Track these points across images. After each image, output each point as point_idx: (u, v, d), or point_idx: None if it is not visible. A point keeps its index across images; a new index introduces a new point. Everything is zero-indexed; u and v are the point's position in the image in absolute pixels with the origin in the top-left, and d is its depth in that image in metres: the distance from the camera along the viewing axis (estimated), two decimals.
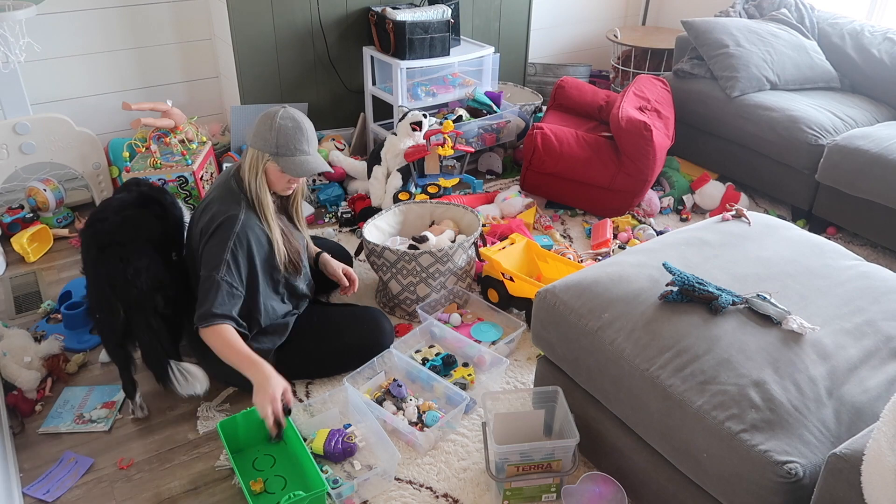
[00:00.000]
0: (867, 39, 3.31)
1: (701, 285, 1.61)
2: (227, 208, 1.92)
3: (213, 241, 1.89)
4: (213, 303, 1.85)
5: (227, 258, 1.88)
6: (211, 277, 1.86)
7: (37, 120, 2.77)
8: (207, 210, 1.95)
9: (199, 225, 1.96)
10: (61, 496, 1.78)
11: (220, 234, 1.89)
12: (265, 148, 1.92)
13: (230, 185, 1.98)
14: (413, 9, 3.23)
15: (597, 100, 3.45)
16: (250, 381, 1.80)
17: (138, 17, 3.14)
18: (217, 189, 2.01)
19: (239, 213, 1.91)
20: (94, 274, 1.87)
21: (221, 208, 1.93)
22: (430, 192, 3.04)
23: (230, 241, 1.88)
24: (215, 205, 1.95)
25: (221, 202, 1.95)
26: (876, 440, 1.11)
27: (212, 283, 1.86)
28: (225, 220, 1.90)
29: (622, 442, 1.68)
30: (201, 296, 1.88)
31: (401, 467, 1.86)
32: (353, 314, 2.20)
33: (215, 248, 1.88)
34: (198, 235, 1.95)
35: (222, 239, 1.89)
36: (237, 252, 1.90)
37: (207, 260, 1.89)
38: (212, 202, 1.97)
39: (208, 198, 2.00)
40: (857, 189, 2.77)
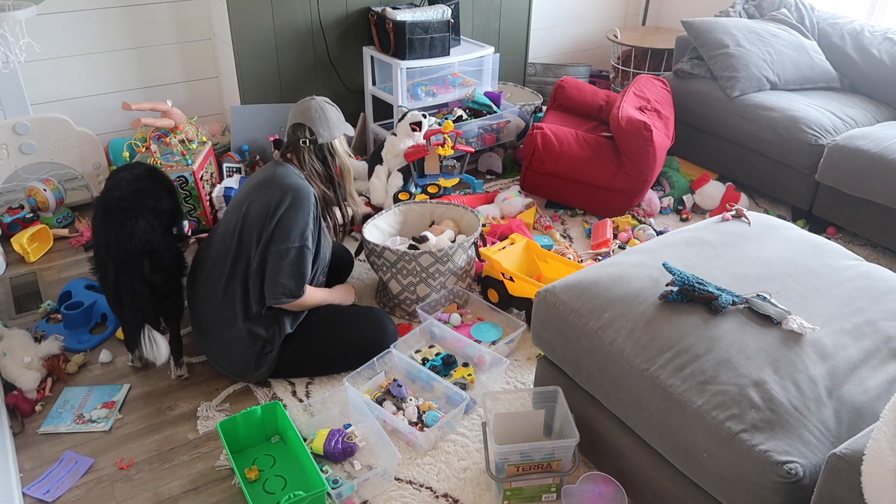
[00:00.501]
0: (867, 39, 3.31)
1: (701, 285, 1.61)
2: (297, 182, 2.03)
3: (293, 211, 1.98)
4: (305, 274, 1.99)
5: (311, 227, 2.01)
6: (295, 248, 1.97)
7: (37, 120, 2.77)
8: (274, 185, 2.01)
9: (261, 200, 2.00)
10: (61, 496, 1.78)
11: (300, 205, 1.99)
12: (342, 129, 2.17)
13: (288, 168, 2.07)
14: (413, 9, 3.23)
15: (597, 100, 3.45)
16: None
17: (138, 17, 3.14)
18: (271, 168, 2.09)
19: (309, 187, 2.05)
20: (95, 234, 2.04)
21: (293, 180, 2.02)
22: (430, 192, 3.04)
23: (310, 210, 2.01)
24: (284, 179, 2.02)
25: (290, 176, 2.04)
26: (876, 440, 1.11)
27: (299, 254, 1.98)
28: (300, 192, 2.00)
29: (622, 442, 1.69)
30: (285, 268, 1.96)
31: (401, 467, 1.86)
32: (356, 313, 2.21)
33: (298, 219, 1.98)
34: (264, 209, 1.98)
35: (304, 209, 2.00)
36: (312, 216, 2.03)
37: (289, 231, 1.97)
38: (274, 178, 2.03)
39: (263, 179, 2.06)
40: (857, 189, 2.77)
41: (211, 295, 2.05)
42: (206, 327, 2.09)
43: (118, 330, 2.34)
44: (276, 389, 2.12)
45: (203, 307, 2.08)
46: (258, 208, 2.00)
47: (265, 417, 1.90)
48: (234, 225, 2.04)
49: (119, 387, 2.12)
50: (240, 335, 2.02)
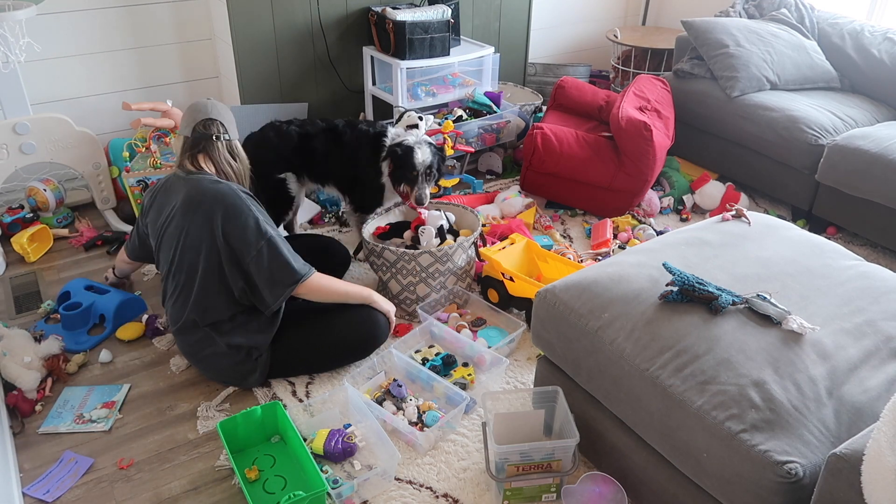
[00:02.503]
0: (867, 39, 3.31)
1: (701, 285, 1.61)
2: (214, 190, 1.96)
3: (238, 218, 1.93)
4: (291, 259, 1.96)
5: (261, 217, 1.96)
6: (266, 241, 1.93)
7: (37, 120, 2.77)
8: (196, 205, 1.94)
9: (196, 221, 1.94)
10: (61, 496, 1.78)
11: (236, 206, 1.94)
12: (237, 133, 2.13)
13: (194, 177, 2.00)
14: (413, 9, 3.23)
15: (597, 100, 3.45)
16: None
17: (138, 17, 3.14)
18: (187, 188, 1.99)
19: (225, 185, 1.98)
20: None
21: (209, 193, 1.95)
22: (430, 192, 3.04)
23: (247, 204, 1.96)
24: (200, 196, 1.95)
25: (203, 191, 1.96)
26: (876, 440, 1.11)
27: (273, 244, 1.94)
28: (225, 198, 1.94)
29: (622, 442, 1.68)
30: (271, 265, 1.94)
31: (401, 467, 1.86)
32: (347, 309, 2.18)
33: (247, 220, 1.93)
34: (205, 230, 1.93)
35: (241, 208, 1.94)
36: (257, 205, 1.99)
37: (248, 236, 1.93)
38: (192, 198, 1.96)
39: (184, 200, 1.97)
40: (857, 189, 2.77)
41: (181, 323, 2.03)
42: (189, 351, 2.09)
43: (117, 330, 2.33)
44: (276, 389, 2.12)
45: (180, 334, 2.07)
46: (197, 237, 1.94)
47: (265, 417, 1.90)
48: (180, 255, 1.98)
49: (119, 387, 2.12)
50: (222, 351, 2.02)
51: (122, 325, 2.35)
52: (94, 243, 2.85)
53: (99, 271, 2.69)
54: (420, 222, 2.47)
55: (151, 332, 2.34)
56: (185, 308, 2.01)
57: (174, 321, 2.06)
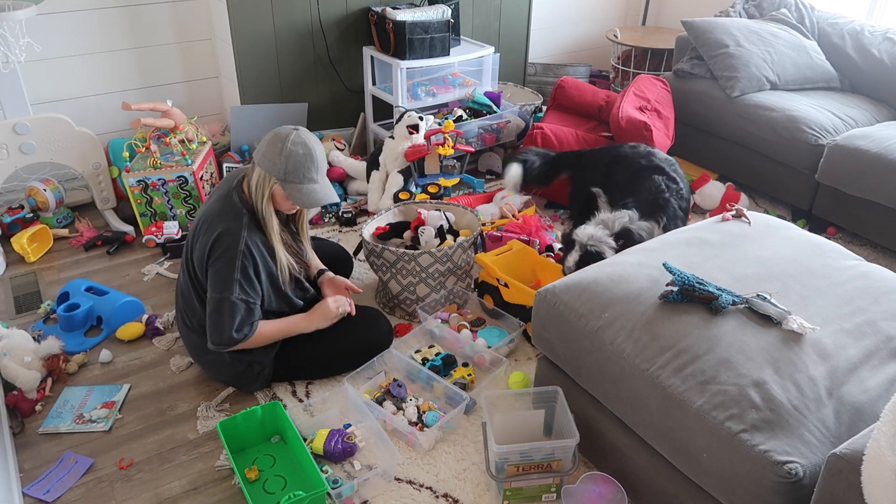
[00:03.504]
0: (867, 39, 3.31)
1: (701, 285, 1.61)
2: (229, 225, 1.89)
3: (221, 261, 1.88)
4: (232, 325, 1.88)
5: (238, 277, 1.88)
6: (225, 299, 1.87)
7: (37, 120, 2.77)
8: (209, 227, 1.91)
9: (201, 240, 1.92)
10: (61, 496, 1.78)
11: (227, 253, 1.87)
12: (273, 171, 1.87)
13: (232, 198, 1.94)
14: (413, 9, 3.23)
15: (597, 100, 3.45)
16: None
17: (138, 17, 3.14)
18: (218, 202, 1.95)
19: (242, 230, 1.89)
20: None
21: (224, 226, 1.89)
22: (430, 192, 3.04)
23: (237, 259, 1.87)
24: (217, 221, 1.90)
25: (222, 218, 1.90)
26: (876, 440, 1.11)
27: (227, 305, 1.87)
28: (230, 239, 1.87)
29: (622, 442, 1.68)
30: (216, 317, 1.89)
31: (401, 467, 1.86)
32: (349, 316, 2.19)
33: (224, 268, 1.87)
34: (201, 252, 1.92)
35: (230, 259, 1.87)
36: (247, 268, 1.90)
37: (217, 281, 1.88)
38: (213, 217, 1.92)
39: (209, 211, 1.95)
40: (857, 189, 2.77)
41: (188, 322, 2.04)
42: (192, 350, 2.10)
43: (117, 331, 2.33)
44: (276, 389, 2.12)
45: (186, 333, 2.08)
46: (199, 250, 1.93)
47: (265, 417, 1.90)
48: (191, 258, 1.98)
49: (119, 387, 2.12)
50: (224, 359, 2.01)
51: (122, 326, 2.35)
52: (94, 243, 2.85)
53: (99, 271, 2.70)
54: (420, 223, 2.47)
55: (151, 332, 2.34)
56: (193, 307, 2.01)
57: (183, 319, 2.06)
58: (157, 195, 2.82)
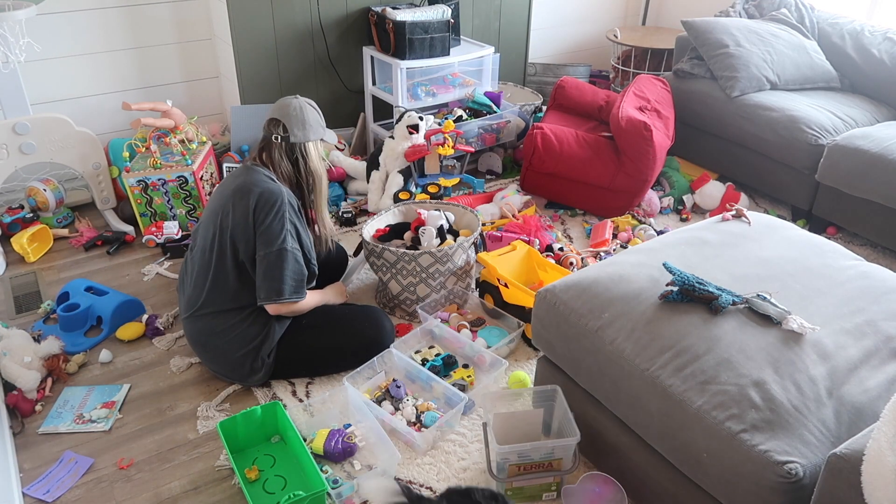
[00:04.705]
0: (867, 39, 3.31)
1: (701, 285, 1.61)
2: (268, 186, 2.00)
3: (269, 217, 1.96)
4: (288, 275, 1.98)
5: (289, 228, 1.99)
6: (282, 250, 1.96)
7: (37, 120, 2.77)
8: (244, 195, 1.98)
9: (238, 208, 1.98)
10: (61, 496, 1.78)
11: (274, 209, 1.97)
12: (320, 133, 2.12)
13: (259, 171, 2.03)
14: (413, 9, 3.23)
15: (597, 100, 3.45)
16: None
17: (138, 17, 3.14)
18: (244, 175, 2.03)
19: (281, 188, 2.02)
20: None
21: (263, 187, 1.99)
22: (430, 192, 3.04)
23: (286, 212, 1.98)
24: (253, 188, 1.98)
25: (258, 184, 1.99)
26: (876, 440, 1.11)
27: (284, 256, 1.97)
28: (273, 197, 1.98)
29: (622, 442, 1.68)
30: (273, 271, 1.96)
31: (401, 467, 1.86)
32: (353, 313, 2.20)
33: (275, 223, 1.96)
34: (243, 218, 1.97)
35: (278, 213, 1.97)
36: (293, 218, 2.01)
37: (269, 237, 1.96)
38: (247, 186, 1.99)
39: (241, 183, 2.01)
40: (857, 189, 2.77)
41: (198, 305, 2.04)
42: (197, 337, 2.09)
43: (117, 331, 2.33)
44: (276, 389, 2.12)
45: (191, 317, 2.07)
46: (238, 219, 1.97)
47: (265, 417, 1.90)
48: (213, 236, 2.01)
49: (119, 387, 2.12)
50: (231, 343, 2.02)
51: (122, 326, 2.35)
52: (94, 243, 2.85)
53: (99, 271, 2.70)
54: (420, 223, 2.47)
55: (151, 332, 2.34)
56: (201, 289, 2.02)
57: (190, 304, 2.06)
58: (157, 195, 2.82)
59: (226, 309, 2.02)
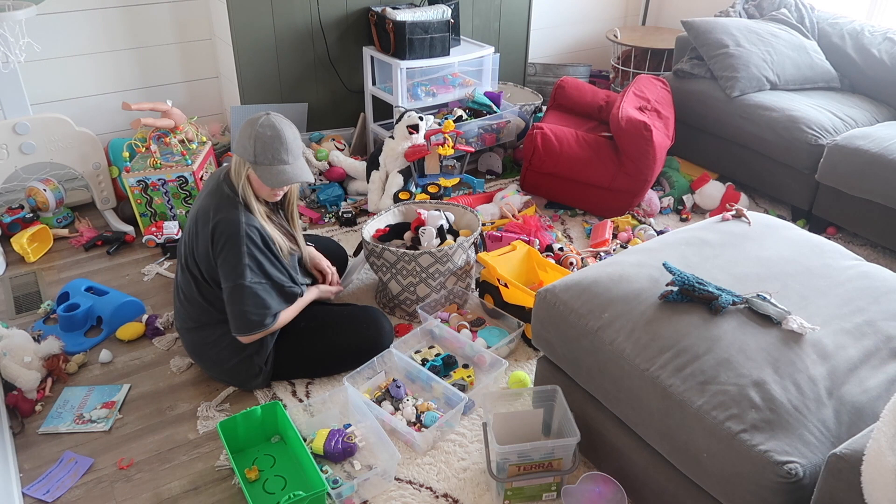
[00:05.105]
0: (867, 39, 3.31)
1: (701, 285, 1.61)
2: (225, 215, 1.91)
3: (226, 250, 1.90)
4: (252, 310, 1.92)
5: (248, 263, 1.90)
6: (239, 286, 1.90)
7: (37, 120, 2.77)
8: (206, 221, 1.92)
9: (201, 236, 1.93)
10: (61, 496, 1.78)
11: (231, 242, 1.89)
12: (245, 155, 1.91)
13: (223, 190, 1.95)
14: (413, 9, 3.23)
15: (597, 100, 3.45)
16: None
17: (138, 17, 3.14)
18: (209, 197, 1.96)
19: (239, 217, 1.91)
20: None
21: (221, 216, 1.91)
22: (430, 192, 3.04)
23: (242, 245, 1.90)
24: (213, 214, 1.91)
25: (218, 210, 1.92)
26: (876, 440, 1.11)
27: (243, 291, 1.91)
28: (230, 228, 1.89)
29: (622, 442, 1.68)
30: (235, 307, 1.92)
31: (401, 467, 1.86)
32: (352, 314, 2.20)
33: (231, 257, 1.90)
34: (205, 247, 1.92)
35: (234, 246, 1.89)
36: (253, 252, 1.92)
37: (228, 271, 1.90)
38: (208, 211, 1.93)
39: (203, 207, 1.96)
40: (857, 189, 2.77)
41: (186, 320, 2.05)
42: (192, 348, 2.09)
43: (117, 331, 2.33)
44: (276, 389, 2.12)
45: (183, 330, 2.08)
46: (201, 247, 1.94)
47: (265, 417, 1.90)
48: (188, 255, 2.00)
49: (119, 387, 2.12)
50: (223, 353, 2.02)
51: (122, 326, 2.35)
52: (94, 243, 2.85)
53: (99, 271, 2.70)
54: (420, 223, 2.47)
55: (151, 332, 2.34)
56: (191, 305, 2.02)
57: (181, 319, 2.07)
58: (157, 195, 2.82)
59: (212, 322, 2.01)
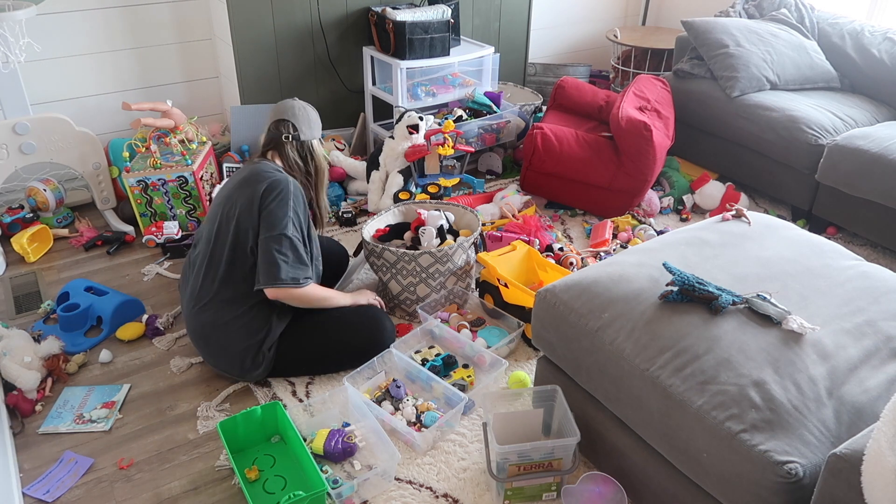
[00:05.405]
0: (867, 39, 3.31)
1: (701, 285, 1.61)
2: (277, 176, 2.05)
3: (274, 202, 2.00)
4: (287, 262, 1.98)
5: (290, 216, 2.01)
6: (280, 236, 1.99)
7: (37, 120, 2.77)
8: (251, 183, 2.03)
9: (244, 195, 2.02)
10: (61, 496, 1.78)
11: (280, 195, 2.01)
12: (320, 132, 2.24)
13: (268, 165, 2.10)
14: (413, 9, 3.23)
15: (597, 100, 3.45)
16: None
17: (138, 17, 3.14)
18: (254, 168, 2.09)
19: (288, 178, 2.07)
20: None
21: (272, 176, 2.04)
22: (430, 192, 3.04)
23: (290, 199, 2.02)
24: (261, 176, 2.04)
25: (265, 174, 2.05)
26: (876, 440, 1.11)
27: (282, 241, 1.99)
28: (280, 185, 2.02)
29: (622, 442, 1.68)
30: (271, 256, 1.98)
31: (401, 467, 1.86)
32: (354, 312, 2.20)
33: (278, 208, 2.00)
34: (248, 205, 2.01)
35: (283, 199, 2.01)
36: (297, 210, 2.04)
37: (271, 221, 1.99)
38: (254, 176, 2.04)
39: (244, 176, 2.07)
40: (857, 189, 2.77)
41: (203, 298, 2.04)
42: (200, 331, 2.08)
43: (117, 331, 2.33)
44: (276, 389, 2.12)
45: (196, 311, 2.07)
46: (244, 205, 2.01)
47: (265, 417, 1.90)
48: (219, 226, 2.04)
49: (119, 387, 2.13)
50: (233, 336, 2.02)
51: (122, 326, 2.35)
52: (94, 243, 2.85)
53: (99, 271, 2.70)
54: (420, 223, 2.47)
55: (151, 332, 2.34)
56: (206, 281, 2.02)
57: (193, 297, 2.06)
58: (157, 195, 2.82)
59: (230, 299, 2.02)
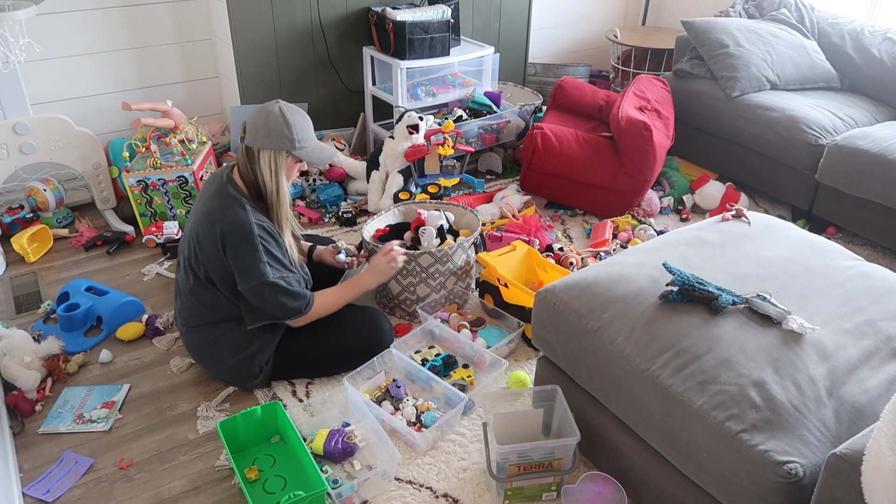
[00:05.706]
0: (867, 39, 3.31)
1: (701, 285, 1.61)
2: (235, 216, 1.89)
3: (242, 251, 1.89)
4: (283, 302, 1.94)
5: (266, 260, 1.91)
6: (263, 284, 1.90)
7: (37, 120, 2.77)
8: (212, 224, 1.89)
9: (206, 239, 1.91)
10: (61, 496, 1.78)
11: (245, 242, 1.89)
12: (283, 145, 1.90)
13: (228, 191, 1.94)
14: (413, 9, 3.23)
15: (597, 100, 3.45)
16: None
17: (138, 17, 3.14)
18: (213, 199, 1.94)
19: (249, 217, 1.90)
20: None
21: (230, 218, 1.89)
22: (430, 192, 3.04)
23: (257, 244, 1.90)
24: (220, 216, 1.89)
25: (225, 212, 1.90)
26: (876, 440, 1.11)
27: (267, 288, 1.91)
28: (241, 229, 1.88)
29: (622, 442, 1.68)
30: (263, 303, 1.94)
31: (401, 467, 1.86)
32: (352, 314, 2.19)
33: (248, 257, 1.89)
34: (212, 250, 1.90)
35: (249, 246, 1.89)
36: (268, 247, 1.92)
37: (246, 272, 1.90)
38: (213, 214, 1.91)
39: (208, 209, 1.93)
40: (857, 189, 2.77)
41: (191, 320, 2.04)
42: (193, 347, 2.09)
43: (117, 331, 2.33)
44: (276, 389, 2.12)
45: (186, 330, 2.07)
46: (208, 250, 1.91)
47: (265, 417, 1.90)
48: (191, 258, 1.97)
49: (119, 387, 2.12)
50: (224, 352, 2.03)
51: (122, 326, 2.35)
52: (94, 243, 2.85)
53: (99, 271, 2.70)
54: (420, 223, 2.47)
55: (151, 332, 2.34)
56: (188, 304, 2.02)
57: (182, 318, 2.06)
58: (157, 195, 2.82)
59: (216, 321, 2.02)
